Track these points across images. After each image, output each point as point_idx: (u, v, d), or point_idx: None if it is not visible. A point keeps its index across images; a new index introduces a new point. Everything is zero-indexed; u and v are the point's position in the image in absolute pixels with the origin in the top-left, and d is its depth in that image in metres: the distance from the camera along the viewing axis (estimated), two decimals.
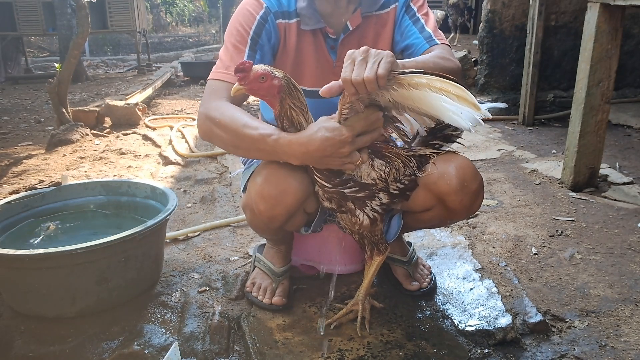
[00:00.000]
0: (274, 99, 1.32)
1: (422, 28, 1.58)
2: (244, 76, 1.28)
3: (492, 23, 4.38)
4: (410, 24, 1.59)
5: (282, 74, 1.31)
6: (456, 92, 1.17)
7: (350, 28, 1.58)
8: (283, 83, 1.30)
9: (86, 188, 2.03)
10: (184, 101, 5.93)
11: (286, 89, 1.31)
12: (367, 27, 1.60)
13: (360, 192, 1.39)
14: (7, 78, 8.15)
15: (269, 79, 1.29)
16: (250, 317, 1.62)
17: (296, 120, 1.33)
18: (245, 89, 1.30)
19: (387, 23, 1.62)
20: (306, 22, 1.56)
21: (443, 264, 1.97)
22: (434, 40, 1.55)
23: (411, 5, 1.61)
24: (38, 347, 1.49)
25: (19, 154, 3.86)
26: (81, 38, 4.16)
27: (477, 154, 3.44)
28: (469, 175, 1.41)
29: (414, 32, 1.58)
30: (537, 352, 1.51)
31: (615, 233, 2.22)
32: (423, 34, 1.56)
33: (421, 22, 1.59)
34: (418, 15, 1.59)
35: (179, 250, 2.16)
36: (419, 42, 1.56)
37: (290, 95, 1.31)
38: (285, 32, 1.57)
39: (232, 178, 3.04)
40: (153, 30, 15.58)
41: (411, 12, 1.61)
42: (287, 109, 1.32)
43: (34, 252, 1.49)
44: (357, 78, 1.16)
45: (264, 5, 1.53)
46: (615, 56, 2.51)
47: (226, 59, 1.50)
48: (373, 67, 1.16)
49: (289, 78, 1.33)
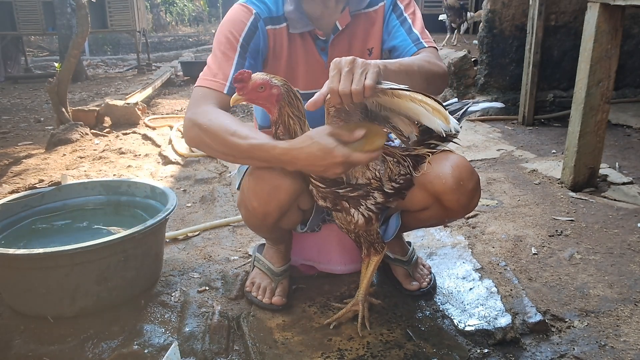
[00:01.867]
0: (273, 107, 1.31)
1: (409, 29, 1.57)
2: (243, 86, 1.27)
3: (492, 23, 4.38)
4: (397, 25, 1.59)
5: (281, 82, 1.30)
6: (433, 105, 1.19)
7: (339, 28, 1.57)
8: (282, 92, 1.30)
9: (86, 188, 2.03)
10: (184, 101, 5.93)
11: (286, 97, 1.30)
12: (357, 25, 1.60)
13: (355, 191, 1.39)
14: (7, 77, 8.15)
15: (267, 88, 1.28)
16: (249, 317, 1.62)
17: (292, 128, 1.32)
18: (244, 98, 1.29)
19: (376, 21, 1.61)
20: (294, 26, 1.55)
21: (443, 263, 1.97)
22: (422, 43, 1.54)
23: (398, 3, 1.60)
24: (37, 347, 1.49)
25: (18, 153, 3.86)
26: (81, 37, 4.16)
27: (477, 154, 3.44)
28: (465, 174, 1.41)
29: (401, 33, 1.58)
30: (536, 352, 1.51)
31: (614, 233, 2.22)
32: (410, 36, 1.56)
33: (408, 22, 1.58)
34: (405, 14, 1.59)
35: (178, 249, 2.16)
36: (406, 45, 1.56)
37: (290, 104, 1.31)
38: (274, 38, 1.56)
39: (232, 177, 3.04)
40: (153, 30, 15.57)
41: (398, 10, 1.60)
42: (285, 117, 1.31)
43: (33, 252, 1.48)
44: (344, 90, 1.16)
45: (254, 11, 1.51)
46: (615, 56, 2.51)
47: (214, 66, 1.48)
48: (360, 80, 1.16)
49: (289, 86, 1.32)
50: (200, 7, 18.04)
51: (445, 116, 1.18)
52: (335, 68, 1.19)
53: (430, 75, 1.45)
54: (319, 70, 1.62)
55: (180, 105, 5.60)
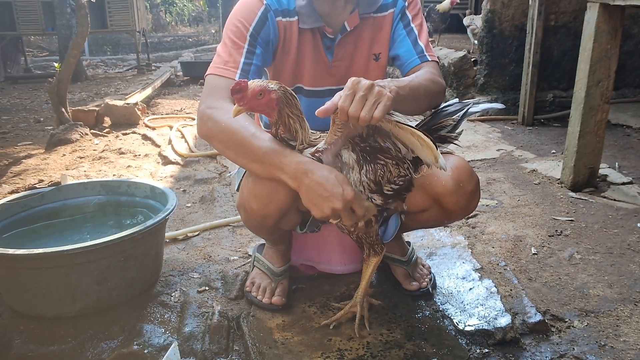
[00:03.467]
0: (273, 111, 1.31)
1: (415, 41, 1.58)
2: (242, 96, 1.26)
3: (491, 23, 4.38)
4: (404, 34, 1.60)
5: (277, 85, 1.31)
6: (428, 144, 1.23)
7: (347, 29, 1.57)
8: (280, 95, 1.30)
9: (85, 188, 2.03)
10: (184, 101, 5.93)
11: (284, 100, 1.30)
12: (364, 29, 1.60)
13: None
14: (7, 78, 8.15)
15: (266, 94, 1.28)
16: (249, 317, 1.62)
17: (292, 127, 1.33)
18: (245, 108, 1.29)
19: (384, 27, 1.62)
20: (304, 21, 1.55)
21: (442, 263, 1.97)
22: (426, 56, 1.56)
23: (407, 13, 1.61)
24: (37, 347, 1.49)
25: (18, 153, 3.86)
26: (81, 38, 4.15)
27: (477, 154, 3.44)
28: (465, 175, 1.41)
29: (406, 43, 1.59)
30: (536, 352, 1.51)
31: (614, 233, 2.22)
32: (416, 48, 1.58)
33: (415, 33, 1.59)
34: (412, 25, 1.59)
35: (178, 250, 2.16)
36: (411, 56, 1.57)
37: (288, 105, 1.31)
38: (285, 31, 1.57)
39: (232, 178, 3.04)
40: (152, 30, 15.57)
41: (406, 20, 1.61)
42: (285, 117, 1.32)
43: (33, 252, 1.48)
44: (353, 113, 1.18)
45: (264, 2, 1.53)
46: (615, 56, 2.51)
47: (225, 54, 1.49)
48: (371, 110, 1.18)
49: (285, 88, 1.32)
50: (200, 7, 18.04)
51: (436, 156, 1.22)
52: (351, 88, 1.20)
53: (434, 95, 1.50)
54: (324, 68, 1.62)
55: (179, 106, 5.59)
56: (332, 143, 1.34)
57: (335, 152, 1.35)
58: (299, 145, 1.34)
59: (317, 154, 1.34)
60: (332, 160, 1.35)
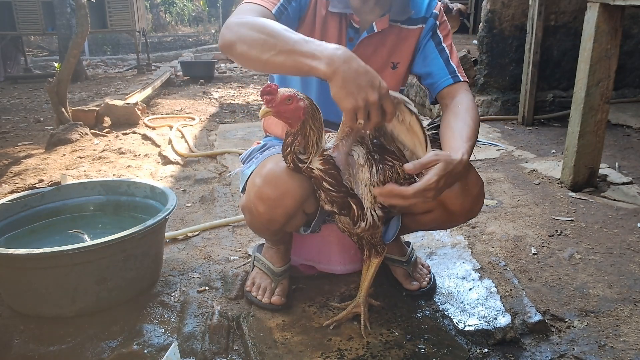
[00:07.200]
0: (297, 121, 1.30)
1: (447, 60, 1.57)
2: (271, 99, 1.26)
3: (491, 23, 4.38)
4: (436, 53, 1.58)
5: (304, 96, 1.31)
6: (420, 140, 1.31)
7: (375, 29, 1.54)
8: (307, 104, 1.30)
9: (85, 188, 2.03)
10: (184, 101, 5.92)
11: (310, 111, 1.30)
12: (389, 36, 1.58)
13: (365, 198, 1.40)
14: (7, 77, 8.15)
15: (295, 101, 1.28)
16: (249, 317, 1.62)
17: (311, 140, 1.32)
18: (273, 111, 1.28)
19: (409, 39, 1.59)
20: (335, 4, 1.52)
21: (442, 263, 1.97)
22: (458, 76, 1.55)
23: (438, 32, 1.59)
24: (37, 347, 1.49)
25: (18, 153, 3.86)
26: (80, 37, 4.15)
27: (477, 154, 3.43)
28: (471, 179, 1.41)
29: (438, 62, 1.57)
30: (536, 351, 1.51)
31: (614, 233, 2.22)
32: (448, 68, 1.56)
33: (446, 53, 1.57)
34: (444, 44, 1.58)
35: (178, 249, 2.16)
36: (443, 74, 1.55)
37: (313, 117, 1.31)
38: (315, 6, 1.53)
39: (232, 177, 3.04)
40: (152, 30, 15.58)
41: (437, 39, 1.59)
42: (307, 128, 1.31)
43: (33, 252, 1.48)
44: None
45: None
46: (615, 56, 2.51)
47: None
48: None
49: (312, 100, 1.32)
50: (200, 7, 18.05)
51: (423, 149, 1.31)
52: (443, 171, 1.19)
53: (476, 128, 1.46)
54: None
55: (179, 106, 5.59)
56: (343, 139, 1.35)
57: (346, 151, 1.36)
58: (307, 159, 1.34)
59: (326, 152, 1.35)
60: (343, 158, 1.35)
